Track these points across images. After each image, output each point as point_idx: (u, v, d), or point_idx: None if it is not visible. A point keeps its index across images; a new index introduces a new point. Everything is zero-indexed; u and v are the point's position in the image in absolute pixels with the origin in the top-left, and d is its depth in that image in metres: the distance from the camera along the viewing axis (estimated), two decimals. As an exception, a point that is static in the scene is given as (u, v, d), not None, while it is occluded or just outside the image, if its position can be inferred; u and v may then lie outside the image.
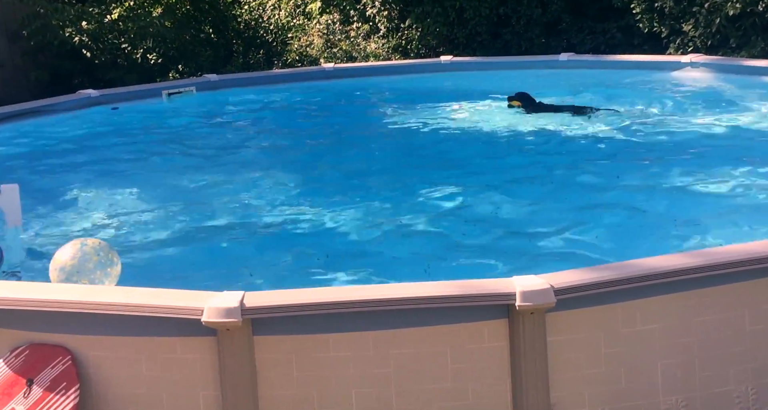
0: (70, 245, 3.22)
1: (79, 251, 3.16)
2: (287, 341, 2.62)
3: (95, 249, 3.18)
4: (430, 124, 6.83)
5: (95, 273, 3.13)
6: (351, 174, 5.51)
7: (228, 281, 3.61)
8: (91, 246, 3.19)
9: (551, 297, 2.57)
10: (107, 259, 3.19)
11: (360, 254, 4.04)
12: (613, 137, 6.00)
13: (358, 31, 10.46)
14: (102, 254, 3.18)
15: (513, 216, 4.42)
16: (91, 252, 3.16)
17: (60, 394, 2.58)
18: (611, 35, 9.06)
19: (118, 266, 3.24)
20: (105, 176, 5.59)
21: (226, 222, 4.57)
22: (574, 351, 2.65)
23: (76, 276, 3.10)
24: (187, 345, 2.63)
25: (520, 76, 7.96)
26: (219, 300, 2.57)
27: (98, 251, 3.18)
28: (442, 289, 2.70)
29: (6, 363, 2.67)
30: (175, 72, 9.91)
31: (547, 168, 5.38)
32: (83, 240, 3.27)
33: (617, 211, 4.41)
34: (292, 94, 8.08)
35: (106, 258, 3.18)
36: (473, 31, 9.59)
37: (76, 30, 9.18)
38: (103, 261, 3.16)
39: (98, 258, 3.16)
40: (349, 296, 2.67)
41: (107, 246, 3.26)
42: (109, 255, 3.20)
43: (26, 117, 6.78)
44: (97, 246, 3.20)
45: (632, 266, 2.72)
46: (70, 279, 3.11)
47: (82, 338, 2.67)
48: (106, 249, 3.23)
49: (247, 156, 6.17)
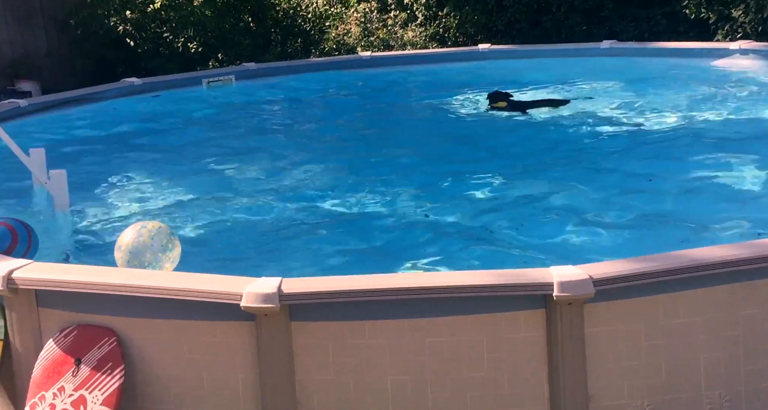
0: (132, 228, 3.31)
1: (141, 233, 3.24)
2: (324, 327, 2.65)
3: (155, 232, 3.26)
4: (467, 113, 6.78)
5: (156, 255, 3.22)
6: (387, 162, 5.52)
7: (267, 267, 3.66)
8: (151, 228, 3.28)
9: (590, 288, 2.54)
10: (167, 241, 3.27)
11: (396, 242, 4.06)
12: (656, 126, 5.87)
13: (395, 20, 10.41)
14: (162, 236, 3.26)
15: (551, 205, 4.37)
16: (152, 235, 3.24)
17: (106, 374, 2.67)
18: (656, 22, 8.82)
19: (178, 248, 3.31)
20: (147, 163, 5.72)
21: (263, 209, 4.63)
22: (613, 343, 2.62)
23: (139, 257, 3.19)
24: (227, 330, 2.68)
25: (560, 65, 7.83)
26: (257, 286, 2.61)
27: (158, 233, 3.26)
28: (478, 278, 2.69)
29: (56, 343, 2.77)
30: (214, 60, 10.04)
31: (587, 156, 5.30)
32: (144, 223, 3.36)
33: (660, 202, 4.32)
34: (329, 83, 8.10)
35: (166, 241, 3.26)
36: (512, 18, 9.46)
37: (120, 19, 9.37)
38: (164, 244, 3.25)
39: (159, 240, 3.24)
40: (385, 284, 2.69)
41: (167, 229, 3.33)
42: (169, 238, 3.28)
43: (73, 105, 6.97)
44: (158, 229, 3.28)
45: (676, 257, 2.66)
46: (133, 260, 3.20)
47: (127, 320, 2.75)
48: (165, 231, 3.30)
49: (284, 144, 6.23)
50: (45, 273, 2.84)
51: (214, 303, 2.64)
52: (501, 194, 4.65)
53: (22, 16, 9.26)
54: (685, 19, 8.52)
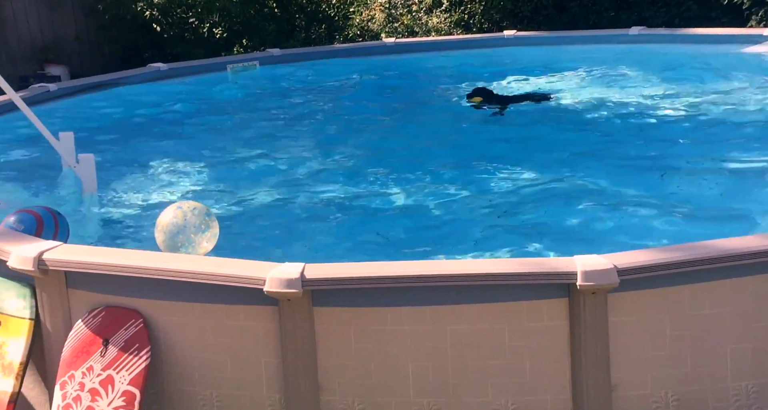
0: (170, 208, 3.36)
1: (178, 213, 3.29)
2: (346, 313, 2.67)
3: (193, 212, 3.29)
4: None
5: (194, 234, 3.26)
6: (410, 150, 5.50)
7: (291, 253, 3.69)
8: (188, 208, 3.31)
9: (614, 278, 2.52)
10: (205, 221, 3.30)
11: (419, 229, 4.05)
12: (686, 114, 5.76)
13: (420, 6, 10.31)
14: (199, 216, 3.30)
15: (576, 194, 4.32)
16: (189, 214, 3.28)
17: (133, 355, 2.72)
18: (686, 7, 8.60)
19: (216, 228, 3.35)
20: (172, 147, 5.78)
21: (286, 194, 4.66)
22: (637, 333, 2.60)
23: (177, 237, 3.24)
24: (251, 314, 2.71)
25: (588, 51, 7.71)
26: (280, 271, 2.64)
27: (196, 213, 3.30)
28: (501, 266, 2.68)
29: (84, 323, 2.83)
30: (239, 46, 10.06)
31: (614, 145, 5.22)
32: (181, 202, 3.40)
33: (688, 191, 4.25)
34: (353, 69, 8.08)
35: (203, 220, 3.30)
36: (539, 4, 9.31)
37: (147, 4, 9.43)
38: (201, 223, 3.28)
39: (196, 219, 3.28)
40: (407, 271, 2.69)
41: (204, 209, 3.37)
42: (206, 217, 3.32)
43: (101, 89, 7.05)
44: (195, 209, 3.32)
45: (702, 247, 2.62)
46: (171, 239, 3.25)
47: (154, 302, 2.79)
48: (203, 211, 3.34)
49: (307, 130, 6.24)
50: (74, 255, 2.90)
51: (238, 288, 2.67)
52: (524, 182, 4.61)
53: (53, 2, 9.38)
54: (717, 5, 8.31)
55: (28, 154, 5.46)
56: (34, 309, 2.91)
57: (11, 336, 2.91)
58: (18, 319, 2.91)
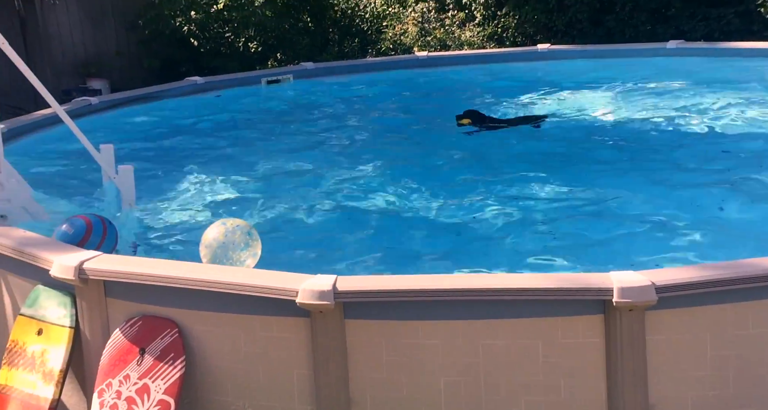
0: (215, 224, 3.42)
1: (222, 230, 3.34)
2: (378, 326, 2.67)
3: (237, 229, 3.34)
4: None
5: (238, 251, 3.30)
6: (443, 163, 5.49)
7: (324, 264, 3.71)
8: (232, 225, 3.37)
9: (652, 295, 2.46)
10: (249, 238, 3.34)
11: (452, 242, 4.03)
12: (727, 130, 5.63)
13: (453, 19, 10.36)
14: (243, 233, 3.34)
15: (614, 209, 4.26)
16: (234, 231, 3.33)
17: (168, 364, 2.76)
18: (727, 21, 8.44)
19: (259, 245, 3.38)
20: (208, 160, 5.87)
21: (320, 206, 4.69)
22: (676, 352, 2.53)
23: (221, 253, 3.28)
24: (283, 325, 2.73)
25: (624, 65, 7.62)
26: (313, 283, 2.65)
27: (240, 230, 3.34)
28: (535, 281, 2.65)
29: (122, 332, 2.88)
30: (273, 60, 10.22)
31: (652, 160, 5.13)
32: (225, 219, 3.46)
33: (730, 208, 4.15)
34: (386, 83, 8.13)
35: (247, 237, 3.34)
36: (573, 18, 9.26)
37: (185, 19, 9.66)
38: (245, 240, 3.33)
39: (240, 236, 3.32)
40: (440, 285, 2.68)
41: (248, 226, 3.41)
42: (250, 234, 3.36)
43: (140, 102, 7.22)
44: (239, 226, 3.37)
45: (744, 266, 2.55)
46: (216, 256, 3.30)
47: (188, 312, 2.83)
48: (246, 228, 3.38)
49: (340, 143, 6.28)
50: (113, 265, 2.96)
51: (271, 299, 2.69)
52: (559, 197, 4.56)
53: (95, 18, 9.68)
54: (759, 19, 8.14)
55: (70, 165, 5.61)
56: (74, 318, 2.98)
57: (52, 343, 2.98)
58: (59, 327, 2.98)
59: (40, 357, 2.97)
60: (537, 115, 6.07)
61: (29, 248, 3.14)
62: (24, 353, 3.03)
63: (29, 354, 3.01)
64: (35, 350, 3.00)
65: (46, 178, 5.31)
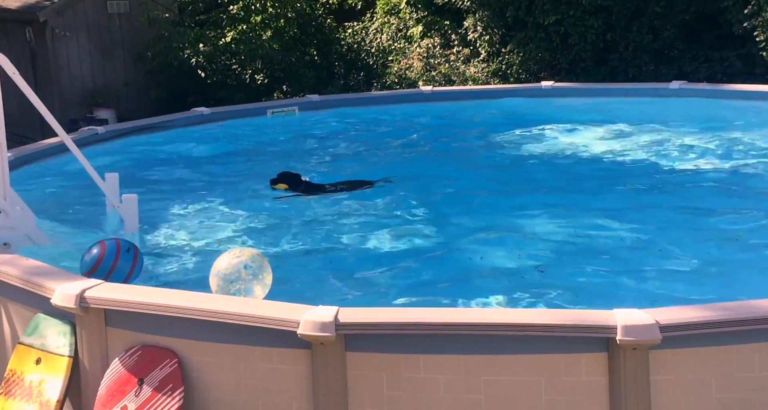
0: (227, 254, 3.40)
1: (234, 260, 3.32)
2: (379, 359, 2.64)
3: (249, 259, 3.33)
4: (527, 149, 6.73)
5: (249, 281, 3.28)
6: (446, 196, 5.51)
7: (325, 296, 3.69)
8: (244, 255, 3.35)
9: (656, 334, 2.45)
10: (260, 268, 3.32)
11: (455, 276, 4.02)
12: (730, 170, 5.66)
13: (458, 55, 10.50)
14: (256, 263, 3.32)
15: (613, 247, 4.25)
16: (246, 262, 3.31)
17: (167, 395, 2.72)
18: (730, 63, 8.53)
19: (270, 275, 3.36)
20: (212, 189, 5.90)
21: (323, 237, 4.69)
22: (681, 393, 2.50)
23: (232, 283, 3.26)
24: (283, 356, 2.71)
25: (627, 104, 7.68)
26: (314, 314, 2.64)
27: (252, 260, 3.33)
28: (538, 317, 2.64)
29: (121, 362, 2.85)
30: (279, 92, 10.35)
31: (657, 197, 5.14)
32: (238, 249, 3.43)
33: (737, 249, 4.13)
34: (390, 116, 8.21)
35: (259, 268, 3.32)
36: (577, 56, 9.38)
37: (194, 51, 9.82)
38: (257, 270, 3.31)
39: (252, 267, 3.30)
40: (442, 318, 2.67)
41: (260, 256, 3.40)
42: (262, 265, 3.34)
43: (146, 132, 7.29)
44: (251, 256, 3.36)
45: (751, 307, 2.54)
46: (227, 287, 3.28)
47: (188, 342, 2.81)
48: (259, 258, 3.37)
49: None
50: (113, 294, 2.95)
51: (272, 330, 2.68)
52: (563, 233, 4.56)
53: (105, 50, 9.85)
54: (762, 62, 8.22)
55: (75, 192, 5.64)
56: (73, 347, 2.95)
57: (50, 373, 2.95)
58: (57, 356, 2.96)
59: (38, 387, 2.94)
60: (365, 180, 5.69)
61: (31, 276, 3.14)
62: (21, 383, 3.00)
63: (27, 384, 2.98)
64: (33, 379, 2.97)
65: (50, 205, 5.33)
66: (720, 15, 8.67)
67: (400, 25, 11.42)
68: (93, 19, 9.74)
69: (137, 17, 9.99)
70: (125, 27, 10.04)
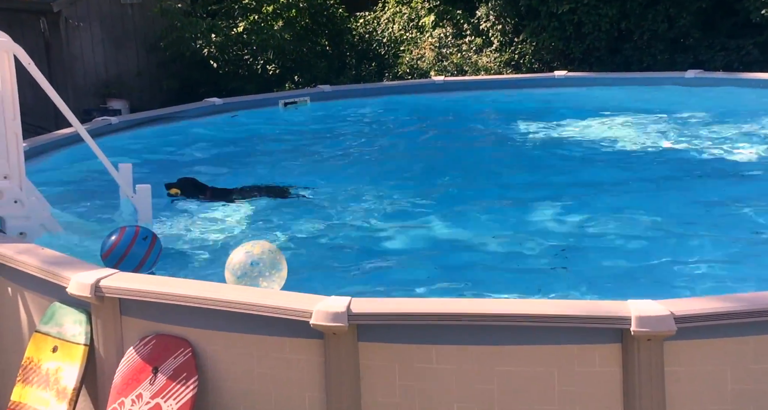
0: (242, 247, 3.41)
1: (249, 253, 3.33)
2: (391, 349, 2.65)
3: (265, 252, 3.34)
4: (540, 139, 6.69)
5: (264, 275, 3.30)
6: (459, 187, 5.50)
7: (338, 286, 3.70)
8: (259, 248, 3.36)
9: (671, 325, 2.43)
10: (276, 262, 3.33)
11: (467, 267, 4.02)
12: (745, 159, 5.60)
13: (470, 45, 10.43)
14: (271, 256, 3.33)
15: (629, 237, 4.22)
16: (261, 255, 3.32)
17: (181, 384, 2.75)
18: (746, 52, 8.41)
19: (285, 268, 3.37)
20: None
21: (336, 227, 4.70)
22: (696, 385, 2.49)
23: (247, 276, 3.28)
24: (296, 346, 2.72)
25: (641, 93, 7.61)
26: (327, 305, 2.64)
27: (268, 254, 3.34)
28: (550, 307, 2.63)
29: (135, 351, 2.89)
30: (291, 82, 10.34)
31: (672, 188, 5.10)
32: (253, 242, 3.43)
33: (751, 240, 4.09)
34: (402, 106, 8.18)
35: (275, 261, 3.33)
36: (591, 45, 9.28)
37: (206, 42, 9.83)
38: (273, 264, 3.32)
39: (267, 260, 3.31)
40: (455, 308, 2.66)
41: (275, 249, 3.40)
42: (277, 258, 3.35)
43: (159, 122, 7.33)
44: (267, 250, 3.36)
45: (766, 298, 2.51)
46: (242, 279, 3.29)
47: (202, 332, 2.84)
48: (274, 251, 3.37)
49: (356, 165, 6.32)
50: (128, 283, 2.98)
51: (285, 320, 2.69)
52: (577, 223, 4.53)
53: (118, 40, 9.89)
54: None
55: (90, 183, 5.68)
56: (89, 335, 2.99)
57: (66, 361, 2.98)
58: (73, 345, 2.99)
59: (54, 375, 2.98)
60: (282, 186, 5.49)
61: (47, 265, 3.17)
62: (39, 370, 3.04)
63: (44, 372, 3.02)
64: (50, 367, 3.01)
65: (65, 195, 5.37)
66: (737, 2, 8.54)
67: (412, 14, 11.35)
68: (106, 10, 9.77)
69: (150, 8, 10.00)
70: (138, 17, 10.06)
